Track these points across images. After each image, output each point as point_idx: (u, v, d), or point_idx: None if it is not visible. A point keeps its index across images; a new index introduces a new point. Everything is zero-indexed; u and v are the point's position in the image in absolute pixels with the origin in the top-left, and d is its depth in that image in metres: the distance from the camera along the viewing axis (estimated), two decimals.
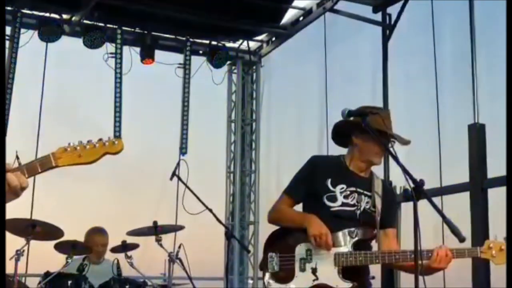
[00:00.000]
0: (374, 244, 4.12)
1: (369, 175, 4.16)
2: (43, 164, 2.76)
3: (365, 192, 4.08)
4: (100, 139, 2.87)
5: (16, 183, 2.62)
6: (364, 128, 3.84)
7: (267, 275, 4.03)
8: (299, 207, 4.25)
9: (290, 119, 9.71)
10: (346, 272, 3.92)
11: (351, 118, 3.98)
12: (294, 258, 3.99)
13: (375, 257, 3.93)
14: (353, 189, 4.06)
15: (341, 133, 4.19)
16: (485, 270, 6.27)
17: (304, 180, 4.15)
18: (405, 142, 4.04)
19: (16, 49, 8.12)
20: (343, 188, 4.04)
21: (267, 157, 10.07)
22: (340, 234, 3.96)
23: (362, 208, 4.05)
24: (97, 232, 6.99)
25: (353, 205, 4.04)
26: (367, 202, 4.07)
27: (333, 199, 4.03)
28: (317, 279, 3.92)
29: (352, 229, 3.97)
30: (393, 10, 8.13)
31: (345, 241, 3.96)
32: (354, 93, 8.27)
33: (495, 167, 6.35)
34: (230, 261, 9.07)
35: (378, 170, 5.13)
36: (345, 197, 4.04)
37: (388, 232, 4.15)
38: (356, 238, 3.96)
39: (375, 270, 4.36)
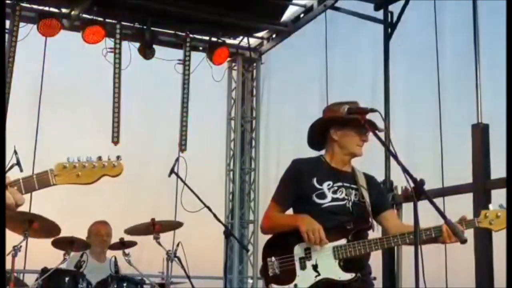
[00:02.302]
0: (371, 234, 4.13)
1: (351, 170, 4.21)
2: (41, 182, 2.73)
3: (352, 186, 4.13)
4: (100, 158, 2.81)
5: (11, 201, 2.61)
6: (364, 125, 3.91)
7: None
8: (290, 212, 4.25)
9: (290, 116, 9.67)
10: (348, 264, 3.93)
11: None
12: (293, 258, 3.99)
13: (374, 244, 3.94)
14: (340, 184, 4.10)
15: (318, 133, 4.23)
16: (488, 269, 6.24)
17: (290, 184, 4.18)
18: (381, 130, 4.04)
19: (15, 43, 8.06)
20: (329, 184, 4.08)
21: (267, 155, 10.03)
22: (335, 228, 3.97)
23: (352, 201, 4.08)
24: (101, 222, 7.01)
25: (343, 199, 4.08)
26: (355, 195, 4.11)
27: (322, 196, 4.06)
28: (319, 275, 3.93)
29: (347, 222, 3.99)
30: (394, 8, 8.08)
31: (341, 234, 3.96)
32: (354, 91, 8.22)
33: (499, 168, 6.29)
34: (229, 260, 9.01)
35: (378, 170, 5.08)
36: (334, 192, 4.07)
37: (387, 215, 4.21)
38: (352, 230, 3.96)
39: (376, 270, 4.33)
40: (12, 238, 5.82)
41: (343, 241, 3.94)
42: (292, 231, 3.98)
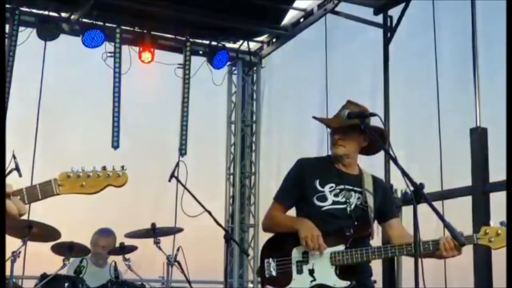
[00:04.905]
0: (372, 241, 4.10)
1: (359, 172, 4.17)
2: (44, 191, 2.69)
3: (355, 189, 4.09)
4: (104, 168, 2.78)
5: (15, 212, 2.58)
6: (364, 130, 3.91)
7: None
8: (292, 212, 4.24)
9: (291, 120, 9.67)
10: (344, 271, 3.91)
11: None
12: (291, 261, 3.98)
13: (371, 253, 3.92)
14: (342, 187, 4.07)
15: None
16: (487, 270, 6.22)
17: (292, 184, 4.17)
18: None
19: (14, 47, 8.05)
20: (332, 187, 4.06)
21: (267, 158, 10.01)
22: (334, 233, 3.95)
23: (353, 205, 4.05)
24: (103, 233, 6.95)
25: (344, 203, 4.04)
26: (358, 198, 4.08)
27: (323, 198, 4.04)
28: (314, 280, 3.92)
29: (346, 227, 3.96)
30: (394, 12, 8.08)
31: (340, 240, 3.94)
32: (354, 95, 8.16)
33: (497, 171, 6.29)
34: (229, 264, 9.00)
35: (378, 174, 5.06)
36: (335, 195, 4.05)
37: (392, 223, 4.17)
38: (351, 236, 3.94)
39: (376, 271, 4.31)
40: (11, 243, 5.80)
41: (341, 247, 3.92)
42: (291, 232, 3.97)
